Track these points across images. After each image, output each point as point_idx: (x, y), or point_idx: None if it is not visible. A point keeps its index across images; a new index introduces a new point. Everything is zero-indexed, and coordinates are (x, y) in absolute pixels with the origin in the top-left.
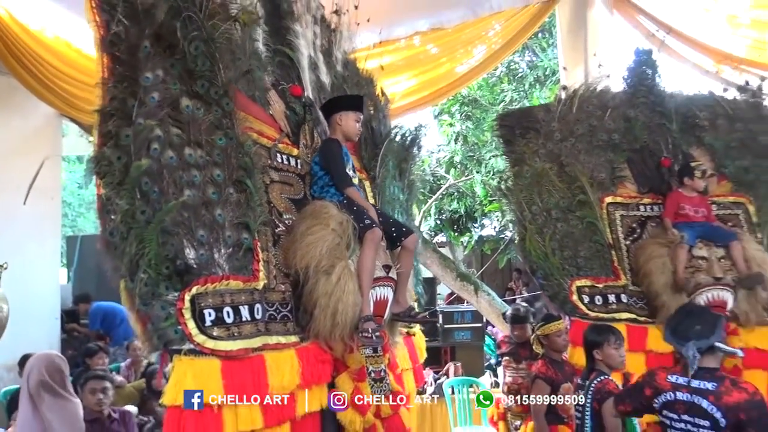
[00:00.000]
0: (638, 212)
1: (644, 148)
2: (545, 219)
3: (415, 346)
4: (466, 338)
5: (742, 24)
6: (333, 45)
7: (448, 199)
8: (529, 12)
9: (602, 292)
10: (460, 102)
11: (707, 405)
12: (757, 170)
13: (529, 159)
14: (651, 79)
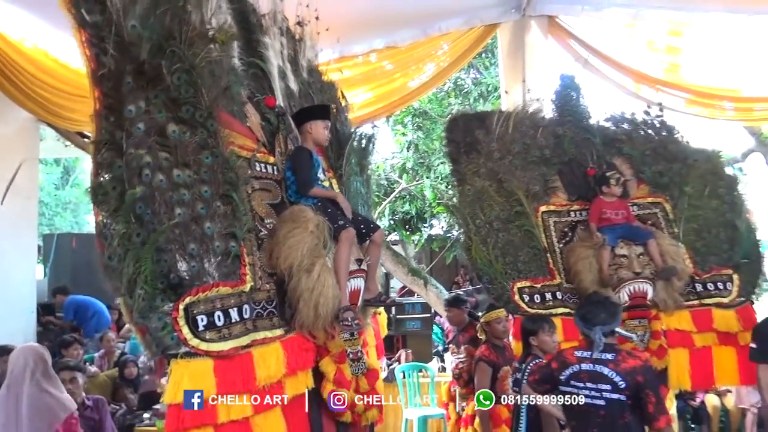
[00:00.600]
0: (569, 218)
1: (572, 161)
2: (488, 230)
3: (379, 324)
4: (417, 327)
5: (659, 49)
6: (298, 54)
7: (401, 202)
8: (474, 34)
9: (540, 291)
10: (412, 113)
11: (608, 371)
12: (670, 173)
13: (470, 179)
14: (575, 99)
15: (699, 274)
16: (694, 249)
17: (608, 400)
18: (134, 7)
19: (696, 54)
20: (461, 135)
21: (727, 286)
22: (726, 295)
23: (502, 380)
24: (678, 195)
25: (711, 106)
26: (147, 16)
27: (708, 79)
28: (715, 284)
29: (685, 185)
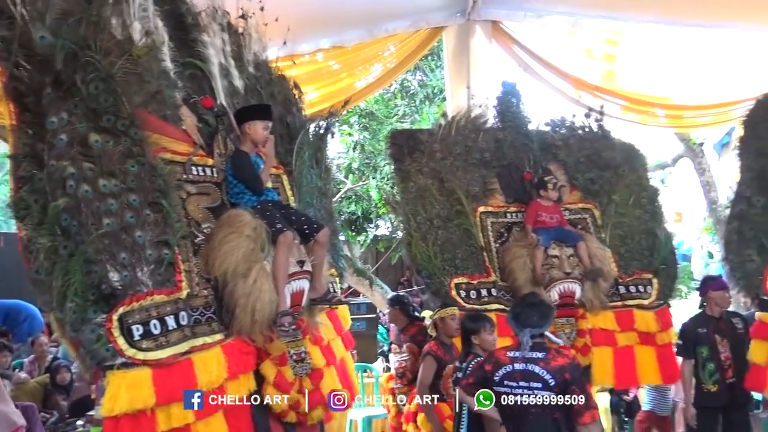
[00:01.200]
0: (505, 219)
1: (511, 165)
2: (428, 227)
3: (338, 317)
4: (362, 328)
5: (596, 57)
6: (243, 49)
7: (347, 202)
8: (420, 36)
9: (476, 287)
10: (359, 114)
11: (539, 370)
12: (601, 181)
13: (414, 176)
14: (516, 106)
15: (622, 277)
16: (619, 254)
17: (538, 398)
18: (44, 17)
19: (631, 62)
20: (404, 139)
21: (647, 289)
22: (646, 297)
23: (446, 377)
24: (606, 202)
25: (644, 113)
26: (59, 26)
27: (642, 87)
28: (636, 287)
29: (613, 194)
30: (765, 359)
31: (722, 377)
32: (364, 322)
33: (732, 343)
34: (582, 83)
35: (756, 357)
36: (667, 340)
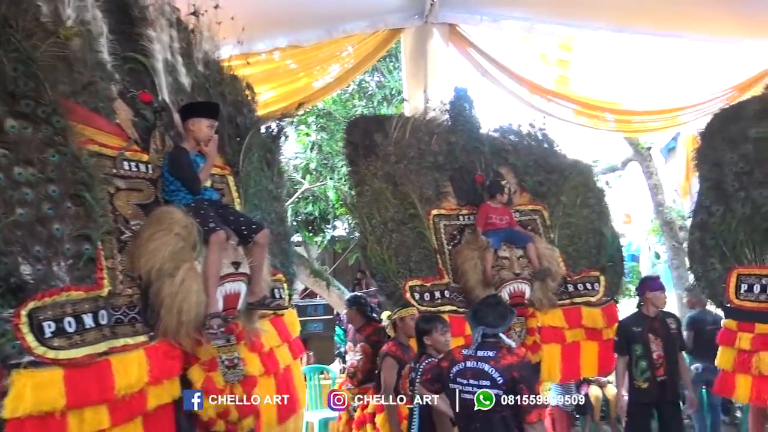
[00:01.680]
0: (458, 221)
1: (463, 168)
2: (383, 230)
3: (285, 323)
4: (319, 329)
5: (550, 62)
6: (193, 46)
7: (304, 203)
8: (378, 38)
9: (430, 289)
10: (316, 114)
11: (488, 368)
12: (549, 183)
13: (368, 180)
14: (468, 110)
15: (570, 275)
16: (567, 253)
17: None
18: None
19: (584, 68)
20: (360, 137)
21: (594, 286)
22: (593, 294)
23: (405, 377)
24: (554, 204)
25: (595, 117)
26: None
27: (594, 92)
28: (584, 285)
29: (561, 195)
30: (732, 365)
31: (653, 375)
32: (321, 323)
33: (665, 342)
34: (536, 87)
35: (723, 363)
36: (611, 335)
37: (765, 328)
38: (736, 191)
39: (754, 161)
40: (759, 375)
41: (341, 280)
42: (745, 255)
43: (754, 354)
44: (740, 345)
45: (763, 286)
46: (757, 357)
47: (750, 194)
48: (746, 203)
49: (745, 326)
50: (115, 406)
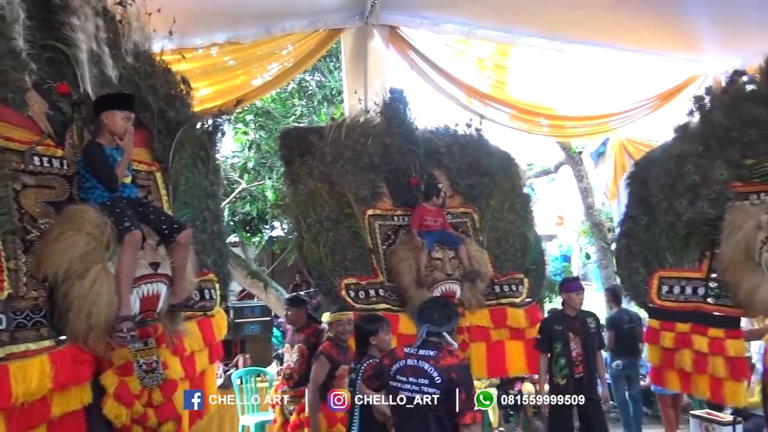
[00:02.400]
0: (393, 222)
1: (398, 169)
2: (319, 229)
3: (212, 326)
4: (256, 331)
5: (487, 67)
6: (121, 37)
7: (242, 203)
8: (318, 37)
9: (365, 288)
10: (255, 113)
11: (428, 367)
12: (480, 187)
13: (304, 179)
14: (403, 112)
15: (497, 277)
16: (495, 255)
17: (424, 394)
18: None
19: (520, 73)
20: (295, 141)
21: (519, 288)
22: (518, 296)
23: (339, 378)
24: (484, 207)
25: (530, 122)
26: None
27: (529, 98)
28: (509, 286)
29: (490, 199)
30: (659, 360)
31: (571, 372)
32: (258, 325)
33: (583, 340)
34: (473, 91)
35: (652, 359)
36: (534, 335)
37: (684, 328)
38: (660, 202)
39: (677, 175)
40: (681, 370)
41: (280, 281)
42: (667, 259)
43: (676, 351)
44: (664, 343)
45: (682, 287)
46: (679, 354)
47: (672, 204)
48: (669, 212)
49: (667, 326)
50: (12, 414)
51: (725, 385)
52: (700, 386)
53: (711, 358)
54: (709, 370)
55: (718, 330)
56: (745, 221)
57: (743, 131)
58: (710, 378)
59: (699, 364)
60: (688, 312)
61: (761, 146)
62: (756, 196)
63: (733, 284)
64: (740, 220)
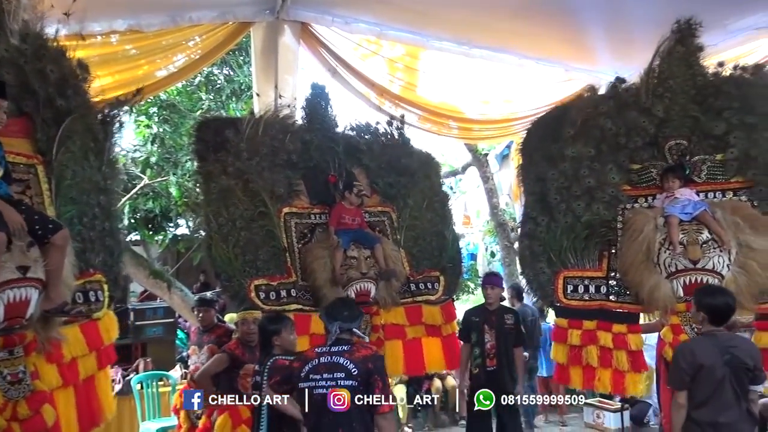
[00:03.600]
0: (309, 220)
1: (316, 167)
2: (230, 228)
3: (99, 329)
4: (159, 333)
5: (398, 68)
6: (6, 15)
7: (144, 199)
8: (227, 29)
9: (276, 288)
10: (159, 105)
11: (343, 361)
12: (398, 186)
13: (217, 177)
14: (324, 109)
15: (413, 275)
16: (411, 253)
17: (341, 386)
18: None
19: (430, 76)
20: (211, 135)
21: (435, 285)
22: (434, 293)
23: (243, 377)
24: (402, 206)
25: (440, 124)
26: None
27: (438, 100)
28: (425, 284)
29: (408, 198)
30: (565, 358)
31: (484, 363)
32: (161, 327)
33: (498, 335)
34: (385, 92)
35: (557, 357)
36: (450, 331)
37: (591, 325)
38: (558, 203)
39: (572, 177)
40: (587, 365)
41: (185, 281)
42: (569, 259)
43: (583, 348)
44: (572, 341)
45: (586, 286)
46: (586, 350)
47: (570, 206)
48: (568, 214)
49: (574, 323)
50: None
51: (627, 377)
52: (604, 380)
53: (615, 353)
54: (614, 364)
55: (621, 326)
56: (644, 224)
57: (629, 137)
58: (613, 371)
59: (604, 358)
60: (593, 310)
61: (645, 152)
62: (644, 199)
63: (635, 283)
64: (639, 223)
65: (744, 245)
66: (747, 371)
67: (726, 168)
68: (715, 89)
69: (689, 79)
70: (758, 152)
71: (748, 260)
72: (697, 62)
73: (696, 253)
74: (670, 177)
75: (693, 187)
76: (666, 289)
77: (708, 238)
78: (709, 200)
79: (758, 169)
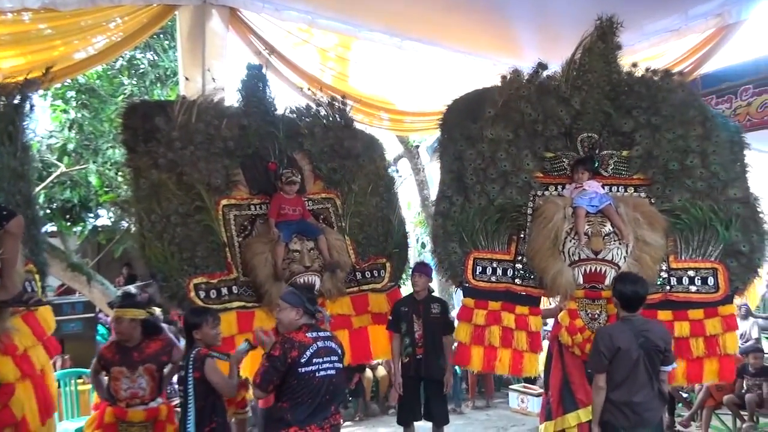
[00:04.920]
0: (249, 211)
1: (255, 154)
2: (165, 225)
3: (38, 320)
4: (78, 329)
5: (329, 58)
6: None
7: (60, 188)
8: (151, 12)
9: (216, 286)
10: (77, 89)
11: (334, 345)
12: (343, 171)
13: (147, 171)
14: (262, 91)
15: (359, 263)
16: (357, 241)
17: (337, 369)
18: None
19: (361, 66)
20: (140, 122)
21: (381, 273)
22: (380, 281)
23: (114, 379)
24: (347, 192)
25: (372, 115)
26: None
27: (370, 91)
28: (371, 272)
29: (353, 183)
30: (469, 338)
31: (413, 352)
32: (79, 322)
33: (426, 324)
34: (316, 81)
35: (461, 336)
36: None
37: (496, 306)
38: (474, 184)
39: (489, 159)
40: (489, 345)
41: (108, 274)
42: (480, 241)
43: (486, 328)
44: (476, 321)
45: (494, 268)
46: (489, 330)
47: (485, 188)
48: (482, 196)
49: (480, 304)
50: None
51: (525, 357)
52: (504, 360)
53: (516, 333)
54: (514, 344)
55: (523, 308)
56: (554, 213)
57: (546, 125)
58: (513, 352)
59: (506, 338)
60: (499, 291)
61: (559, 142)
62: (555, 188)
63: (540, 269)
64: (549, 212)
65: (640, 240)
66: (659, 353)
67: (630, 164)
68: (628, 88)
69: (606, 75)
70: (659, 152)
71: (643, 254)
72: (614, 60)
73: (598, 245)
74: (579, 169)
75: (600, 180)
76: (568, 276)
77: (610, 231)
78: (613, 194)
79: (658, 168)
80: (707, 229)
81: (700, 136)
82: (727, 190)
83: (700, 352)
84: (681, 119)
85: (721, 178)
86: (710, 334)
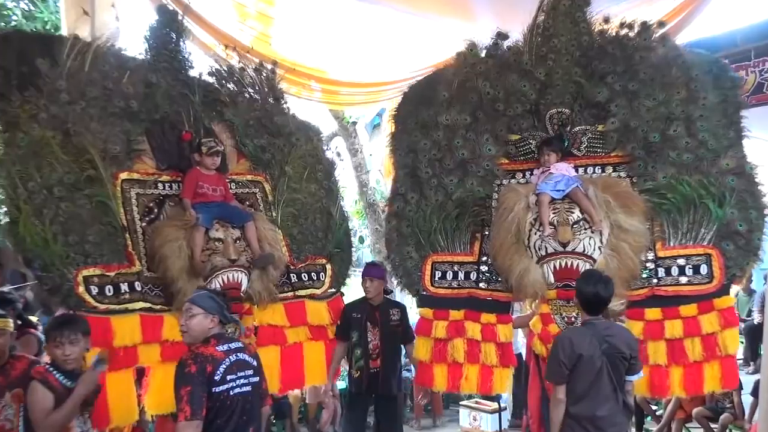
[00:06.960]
0: (156, 190)
1: (165, 120)
2: (45, 198)
3: None
4: None
5: (249, 15)
6: None
7: None
8: None
9: (113, 281)
10: None
11: (248, 357)
12: (273, 149)
13: (25, 124)
14: (175, 43)
15: (294, 263)
16: (291, 236)
17: (253, 385)
18: None
19: (288, 27)
20: (14, 61)
21: (320, 276)
22: (319, 286)
23: None
24: (279, 175)
25: (300, 84)
26: None
27: (298, 56)
28: (309, 274)
29: (286, 165)
30: (429, 355)
31: (367, 365)
32: None
33: (383, 332)
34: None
35: (420, 353)
36: None
37: (458, 315)
38: (430, 178)
39: (445, 148)
40: (453, 362)
41: None
42: (439, 242)
43: (449, 342)
44: (436, 334)
45: (455, 272)
46: (452, 344)
47: (442, 181)
48: (439, 190)
49: (440, 314)
50: None
51: (495, 374)
52: (471, 378)
53: (483, 345)
54: (482, 359)
55: (490, 315)
56: (515, 203)
57: (508, 104)
58: (481, 367)
59: (472, 353)
60: (461, 298)
61: (525, 121)
62: (522, 174)
63: (505, 268)
64: (510, 202)
65: (616, 226)
66: (623, 360)
67: (606, 140)
68: (600, 50)
69: (574, 39)
70: (638, 123)
71: (621, 242)
72: (583, 18)
73: (566, 235)
74: (545, 150)
75: (572, 162)
76: (536, 275)
77: (579, 218)
78: (588, 176)
79: (637, 142)
80: (697, 209)
81: (684, 99)
82: (718, 160)
83: (698, 356)
84: (662, 81)
85: (711, 148)
86: (707, 332)
